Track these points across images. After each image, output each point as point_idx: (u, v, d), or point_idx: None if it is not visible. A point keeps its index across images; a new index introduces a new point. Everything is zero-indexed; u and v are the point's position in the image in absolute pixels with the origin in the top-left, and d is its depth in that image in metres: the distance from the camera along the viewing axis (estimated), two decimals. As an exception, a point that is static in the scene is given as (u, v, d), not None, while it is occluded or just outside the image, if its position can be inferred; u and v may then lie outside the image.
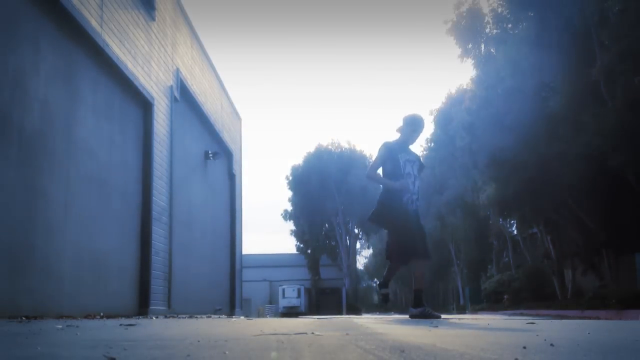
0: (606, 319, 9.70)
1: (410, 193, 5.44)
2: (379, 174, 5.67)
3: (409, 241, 5.33)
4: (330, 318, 6.49)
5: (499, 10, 21.81)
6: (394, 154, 5.58)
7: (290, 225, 47.49)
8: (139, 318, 6.43)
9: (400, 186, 5.35)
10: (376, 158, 5.70)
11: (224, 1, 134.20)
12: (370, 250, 69.38)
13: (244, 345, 2.00)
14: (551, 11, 17.22)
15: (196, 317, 7.36)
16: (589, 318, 10.24)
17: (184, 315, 8.46)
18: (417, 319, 5.13)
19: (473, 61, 24.64)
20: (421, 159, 6.01)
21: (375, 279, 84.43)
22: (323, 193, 43.25)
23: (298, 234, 46.83)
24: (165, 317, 7.67)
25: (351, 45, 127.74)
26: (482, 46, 24.13)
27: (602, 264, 20.00)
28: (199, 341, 2.16)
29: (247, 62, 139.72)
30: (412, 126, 5.69)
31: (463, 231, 34.69)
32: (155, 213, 8.73)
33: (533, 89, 18.67)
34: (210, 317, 8.58)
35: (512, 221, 29.40)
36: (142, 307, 8.16)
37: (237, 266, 15.22)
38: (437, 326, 3.62)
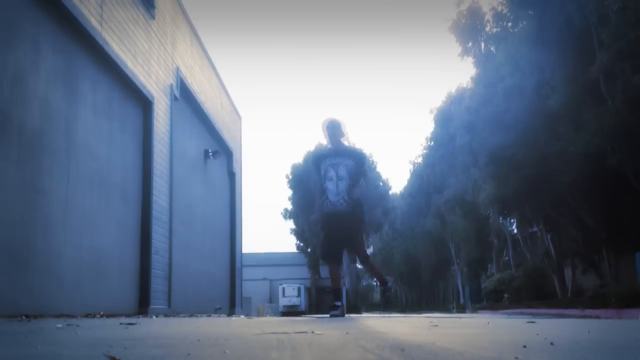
0: (606, 318, 9.70)
1: (325, 197, 5.89)
2: (320, 186, 6.07)
3: (325, 244, 5.97)
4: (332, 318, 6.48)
5: (499, 8, 21.86)
6: (317, 162, 6.11)
7: (290, 224, 47.43)
8: (139, 317, 6.43)
9: (314, 219, 5.99)
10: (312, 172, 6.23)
11: (224, 1, 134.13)
12: (371, 250, 69.46)
13: (244, 344, 2.00)
14: (551, 10, 17.22)
15: (196, 316, 7.36)
16: (589, 317, 10.24)
17: (184, 314, 8.47)
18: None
19: (473, 60, 24.69)
20: (360, 154, 6.26)
21: (375, 279, 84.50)
22: (323, 192, 43.17)
23: (298, 233, 46.81)
24: (166, 316, 7.67)
25: (351, 45, 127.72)
26: (482, 45, 24.18)
27: (602, 263, 20.03)
28: (199, 340, 2.16)
29: (247, 62, 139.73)
30: (325, 130, 6.10)
31: (463, 230, 34.71)
32: (155, 212, 8.73)
33: (533, 88, 18.68)
34: (210, 316, 8.59)
35: (512, 220, 29.43)
36: (142, 306, 8.16)
37: (237, 265, 15.22)
38: (437, 325, 3.63)
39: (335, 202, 5.82)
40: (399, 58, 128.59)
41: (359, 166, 5.97)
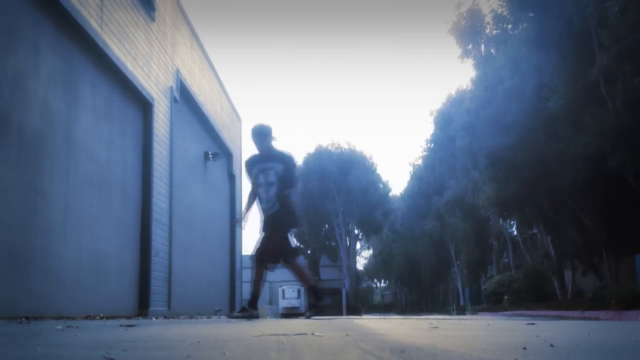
0: (606, 319, 9.71)
1: (265, 203, 6.09)
2: (252, 193, 6.30)
3: (259, 247, 6.15)
4: (331, 319, 6.48)
5: (499, 10, 21.86)
6: (248, 168, 6.27)
7: (289, 226, 47.40)
8: (138, 319, 6.43)
9: (234, 222, 6.22)
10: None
11: (224, 1, 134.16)
12: (370, 251, 69.42)
13: (244, 345, 2.00)
14: (551, 12, 17.23)
15: (196, 318, 7.35)
16: (589, 319, 10.24)
17: (183, 316, 8.46)
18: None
19: (473, 62, 24.67)
20: (289, 157, 6.26)
21: (375, 279, 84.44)
22: (323, 194, 43.21)
23: (298, 235, 46.75)
24: (165, 318, 7.67)
25: (351, 45, 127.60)
26: (482, 47, 24.16)
27: (602, 265, 20.01)
28: (199, 342, 2.16)
29: (247, 63, 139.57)
30: (252, 137, 6.24)
31: (463, 232, 34.67)
32: (155, 214, 8.73)
33: (533, 90, 18.69)
34: (210, 318, 8.58)
35: (512, 222, 29.41)
36: (142, 308, 8.16)
37: (237, 267, 15.21)
38: (437, 327, 3.63)
39: (266, 209, 6.02)
40: (399, 59, 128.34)
41: (288, 170, 6.09)
